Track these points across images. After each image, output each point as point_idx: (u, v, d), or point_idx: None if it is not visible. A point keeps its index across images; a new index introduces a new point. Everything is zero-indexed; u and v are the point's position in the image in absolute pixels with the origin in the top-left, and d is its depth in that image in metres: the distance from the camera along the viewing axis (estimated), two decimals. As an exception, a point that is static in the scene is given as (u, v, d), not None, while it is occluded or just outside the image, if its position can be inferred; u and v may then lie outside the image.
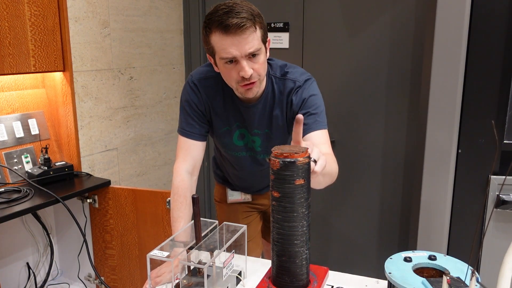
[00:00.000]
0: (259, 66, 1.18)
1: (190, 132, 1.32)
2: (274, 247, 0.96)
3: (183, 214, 1.26)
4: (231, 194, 1.60)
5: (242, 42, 1.12)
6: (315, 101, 1.28)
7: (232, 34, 1.10)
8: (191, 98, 1.31)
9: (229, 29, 1.10)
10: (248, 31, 1.11)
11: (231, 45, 1.12)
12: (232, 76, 1.19)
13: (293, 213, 0.90)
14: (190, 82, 1.33)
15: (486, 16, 1.60)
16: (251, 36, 1.12)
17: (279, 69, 1.31)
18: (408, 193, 2.10)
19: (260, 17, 1.17)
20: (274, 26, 2.29)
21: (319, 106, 1.28)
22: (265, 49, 1.21)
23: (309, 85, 1.28)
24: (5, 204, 1.54)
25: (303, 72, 1.31)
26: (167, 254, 0.96)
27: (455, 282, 0.80)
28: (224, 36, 1.11)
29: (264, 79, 1.27)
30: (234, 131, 1.36)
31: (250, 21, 1.11)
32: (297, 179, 0.88)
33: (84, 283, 2.00)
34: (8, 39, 1.61)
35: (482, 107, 1.66)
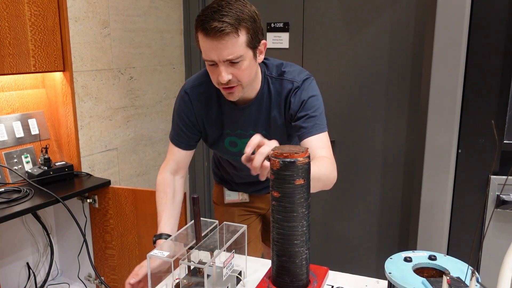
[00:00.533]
0: (240, 73, 1.14)
1: (178, 141, 1.34)
2: (274, 247, 0.96)
3: (163, 208, 1.31)
4: (228, 194, 1.59)
5: (221, 48, 1.09)
6: (314, 102, 1.25)
7: (211, 38, 1.08)
8: (182, 109, 1.31)
9: (208, 32, 1.08)
10: (228, 37, 1.08)
11: (210, 48, 1.10)
12: (213, 78, 1.18)
13: (293, 213, 0.90)
14: (182, 92, 1.32)
15: (486, 16, 1.60)
16: (230, 42, 1.09)
17: (275, 69, 1.28)
18: (408, 193, 2.10)
19: (251, 20, 1.12)
20: (274, 26, 2.29)
21: (318, 108, 1.25)
22: (254, 54, 1.17)
23: (308, 85, 1.25)
24: (5, 204, 1.54)
25: (301, 71, 1.28)
26: (167, 254, 0.96)
27: (455, 282, 0.80)
28: (205, 39, 1.10)
29: (256, 82, 1.25)
30: (225, 137, 1.34)
31: (231, 27, 1.07)
32: (297, 179, 0.88)
33: (84, 283, 2.00)
34: (8, 39, 1.61)
35: (482, 107, 1.66)
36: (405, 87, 2.05)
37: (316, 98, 1.25)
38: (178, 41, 2.55)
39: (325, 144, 1.23)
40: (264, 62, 1.28)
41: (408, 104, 2.05)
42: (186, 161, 1.38)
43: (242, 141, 1.34)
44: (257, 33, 1.15)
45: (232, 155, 1.40)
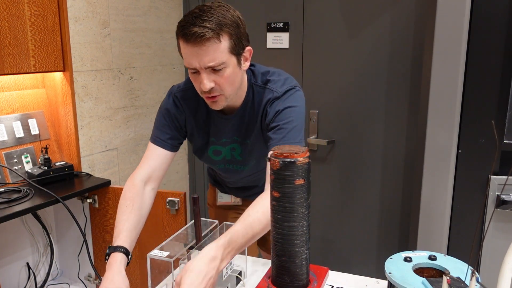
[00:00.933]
0: (223, 80, 1.10)
1: (160, 139, 1.26)
2: (274, 247, 0.96)
3: (127, 218, 1.16)
4: (220, 196, 1.57)
5: (202, 54, 1.05)
6: (290, 114, 1.15)
7: (191, 44, 1.05)
8: (172, 108, 1.27)
9: (188, 38, 1.04)
10: (209, 43, 1.04)
11: (191, 55, 1.07)
12: (196, 85, 1.14)
13: (293, 213, 0.90)
14: (172, 94, 1.29)
15: (486, 16, 1.60)
16: (211, 48, 1.04)
17: (260, 77, 1.23)
18: (408, 193, 2.10)
19: (234, 25, 1.07)
20: (274, 26, 2.29)
21: (292, 120, 1.15)
22: (239, 61, 1.12)
23: (289, 96, 1.18)
24: (5, 204, 1.54)
25: (286, 81, 1.21)
26: (167, 254, 0.96)
27: (455, 282, 0.80)
28: (186, 45, 1.07)
29: (241, 90, 1.20)
30: (210, 145, 1.31)
31: (212, 32, 1.03)
32: (297, 179, 0.88)
33: (84, 283, 2.00)
34: (8, 39, 1.61)
35: (482, 107, 1.66)
36: (405, 87, 2.05)
37: (293, 110, 1.16)
38: (178, 41, 2.55)
39: None
40: (250, 69, 1.24)
41: (408, 104, 2.05)
42: (163, 168, 1.27)
43: (226, 149, 1.31)
44: (241, 39, 1.10)
45: (215, 164, 1.37)
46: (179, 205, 1.71)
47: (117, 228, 1.15)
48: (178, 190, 1.76)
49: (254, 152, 1.29)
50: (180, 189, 2.63)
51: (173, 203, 1.71)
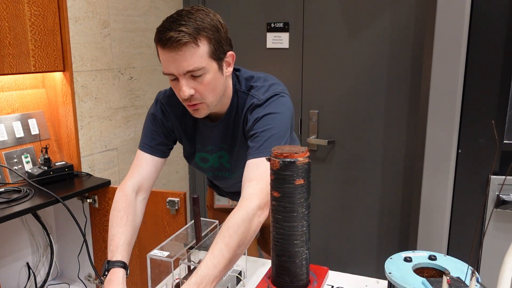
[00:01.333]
0: (203, 87, 1.05)
1: (149, 146, 1.23)
2: (274, 247, 0.95)
3: (123, 230, 1.10)
4: (218, 198, 1.55)
5: (179, 59, 1.01)
6: (269, 121, 1.09)
7: (168, 49, 1.01)
8: (158, 114, 1.24)
9: (164, 43, 1.01)
10: (185, 47, 1.00)
11: (168, 61, 1.04)
12: (177, 93, 1.09)
13: (293, 213, 0.90)
14: (158, 101, 1.25)
15: (486, 16, 1.60)
16: (189, 53, 1.00)
17: (244, 82, 1.19)
18: (408, 193, 2.10)
19: (213, 30, 1.03)
20: (274, 26, 2.29)
21: (271, 128, 1.08)
22: (220, 67, 1.07)
23: (270, 103, 1.12)
24: (5, 204, 1.54)
25: (270, 88, 1.15)
26: (167, 254, 0.96)
27: (455, 282, 0.80)
28: (162, 51, 1.03)
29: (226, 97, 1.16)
30: (197, 153, 1.29)
31: (189, 36, 0.99)
32: (297, 179, 0.88)
33: (84, 283, 2.00)
34: (8, 39, 1.61)
35: (482, 107, 1.66)
36: (405, 87, 2.05)
37: (273, 117, 1.10)
38: (178, 41, 2.55)
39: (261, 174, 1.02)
40: (235, 74, 1.20)
41: (408, 104, 2.05)
42: (153, 176, 1.24)
43: (213, 156, 1.28)
44: (221, 44, 1.06)
45: (204, 171, 1.36)
46: (179, 205, 1.71)
47: (114, 242, 1.08)
48: (178, 190, 1.76)
49: (241, 159, 1.24)
50: (180, 189, 2.63)
51: (173, 203, 1.71)
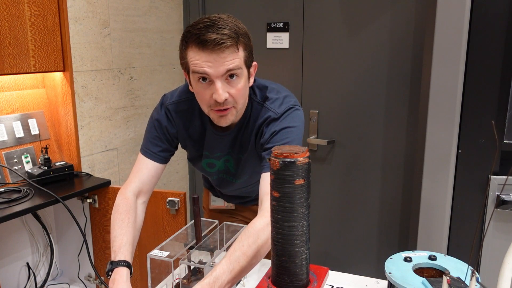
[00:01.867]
0: (237, 92, 1.05)
1: (151, 152, 1.23)
2: (274, 247, 0.95)
3: (125, 231, 1.13)
4: (213, 199, 1.54)
5: (219, 61, 0.99)
6: (287, 135, 1.11)
7: (209, 51, 0.99)
8: (163, 120, 1.23)
9: (206, 44, 0.98)
10: (228, 50, 0.99)
11: (206, 61, 1.00)
12: (204, 97, 1.06)
13: (293, 213, 0.90)
14: (164, 106, 1.23)
15: (486, 16, 1.60)
16: (230, 55, 1.00)
17: (259, 93, 1.18)
18: (408, 193, 2.10)
19: (247, 37, 1.04)
20: (274, 26, 2.29)
21: (289, 142, 1.10)
22: (248, 75, 1.08)
23: (286, 116, 1.13)
24: (5, 204, 1.54)
25: (285, 100, 1.16)
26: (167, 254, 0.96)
27: (455, 282, 0.80)
28: (200, 52, 1.00)
29: (243, 108, 1.14)
30: (203, 159, 1.29)
31: (231, 39, 0.99)
32: (297, 179, 0.88)
33: (84, 283, 2.00)
34: (8, 39, 1.61)
35: (482, 107, 1.66)
36: (405, 87, 2.05)
37: (290, 130, 1.12)
38: (178, 41, 2.53)
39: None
40: None
41: (408, 104, 2.05)
42: (153, 181, 1.24)
43: (220, 162, 1.28)
44: (252, 52, 1.07)
45: (209, 175, 1.36)
46: (179, 205, 1.71)
47: (116, 243, 1.11)
48: (178, 190, 1.76)
49: (247, 167, 1.26)
50: (180, 189, 2.63)
51: (173, 203, 1.71)
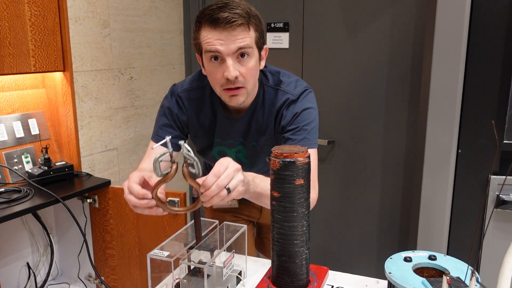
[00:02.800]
0: (247, 71, 1.07)
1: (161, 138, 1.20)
2: (274, 247, 0.96)
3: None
4: None
5: (230, 39, 1.02)
6: (308, 115, 1.16)
7: (220, 29, 1.02)
8: (174, 107, 1.24)
9: (218, 22, 1.01)
10: (239, 29, 1.02)
11: (218, 39, 1.03)
12: (216, 77, 1.08)
13: (293, 213, 0.90)
14: (175, 94, 1.25)
15: (486, 16, 1.60)
16: (242, 34, 1.03)
17: (271, 77, 1.21)
18: (408, 193, 2.10)
19: (258, 19, 1.08)
20: (274, 26, 2.29)
21: (311, 122, 1.16)
22: (259, 56, 1.11)
23: (304, 98, 1.18)
24: (5, 204, 1.54)
25: (298, 83, 1.20)
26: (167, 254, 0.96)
27: (455, 282, 0.80)
28: (212, 30, 1.03)
29: (255, 89, 1.17)
30: (215, 146, 1.29)
31: (243, 19, 1.02)
32: (297, 179, 0.88)
33: (84, 283, 2.00)
34: (8, 39, 1.61)
35: (482, 107, 1.66)
36: (405, 87, 2.05)
37: (311, 112, 1.17)
38: (178, 41, 2.55)
39: (312, 162, 1.17)
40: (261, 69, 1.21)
41: (408, 104, 2.05)
42: None
43: (231, 151, 1.29)
44: (263, 35, 1.11)
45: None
46: (179, 205, 1.71)
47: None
48: (178, 190, 1.76)
49: (263, 154, 1.27)
50: (180, 189, 2.63)
51: (173, 203, 1.71)
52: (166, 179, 0.91)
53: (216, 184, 0.88)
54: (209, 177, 0.88)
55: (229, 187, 0.89)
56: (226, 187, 0.89)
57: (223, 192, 0.88)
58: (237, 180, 0.90)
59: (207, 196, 0.88)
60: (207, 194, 0.88)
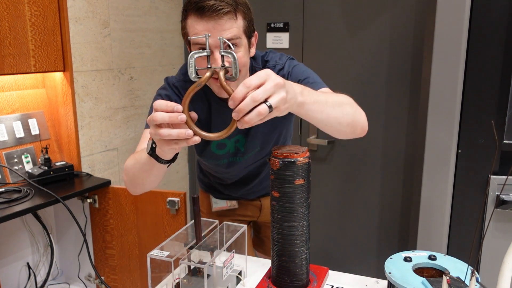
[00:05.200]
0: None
1: None
2: (274, 247, 0.96)
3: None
4: (215, 201, 1.51)
5: (217, 28, 0.99)
6: (298, 70, 1.16)
7: (206, 18, 0.98)
8: (173, 96, 1.19)
9: (203, 11, 0.97)
10: (226, 17, 0.99)
11: (204, 30, 0.99)
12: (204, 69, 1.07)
13: (293, 213, 0.90)
14: (171, 84, 1.21)
15: (486, 16, 1.60)
16: (229, 22, 0.99)
17: (261, 60, 1.21)
18: (408, 193, 2.10)
19: (246, 6, 1.05)
20: (274, 26, 2.30)
21: (304, 71, 1.17)
22: (249, 44, 1.09)
23: (290, 64, 1.19)
24: (5, 204, 1.54)
25: (283, 56, 1.22)
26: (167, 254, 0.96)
27: (455, 282, 0.80)
28: (198, 20, 0.99)
29: (246, 76, 1.14)
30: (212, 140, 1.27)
31: (230, 6, 0.98)
32: (297, 179, 0.88)
33: (84, 283, 2.00)
34: (9, 39, 1.61)
35: (482, 107, 1.66)
36: (405, 87, 2.05)
37: (300, 66, 1.18)
38: (178, 41, 2.55)
39: (333, 93, 1.10)
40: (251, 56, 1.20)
41: (408, 104, 2.05)
42: None
43: (230, 141, 1.27)
44: (252, 22, 1.09)
45: (219, 159, 1.31)
46: (179, 205, 1.71)
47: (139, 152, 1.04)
48: (178, 190, 1.76)
49: (258, 138, 1.25)
50: (180, 189, 2.63)
51: (173, 203, 1.71)
52: (201, 83, 0.80)
53: (251, 97, 0.74)
54: (239, 87, 0.75)
55: (270, 104, 0.75)
56: (268, 104, 0.74)
57: (262, 107, 0.74)
58: (279, 97, 0.76)
59: (240, 111, 0.74)
60: (240, 109, 0.74)
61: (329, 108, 0.93)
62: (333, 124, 0.97)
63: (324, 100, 0.92)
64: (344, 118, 0.99)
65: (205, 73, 0.83)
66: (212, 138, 0.84)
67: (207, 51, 0.84)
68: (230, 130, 0.80)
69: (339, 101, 0.99)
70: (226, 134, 0.81)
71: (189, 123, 0.82)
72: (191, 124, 0.82)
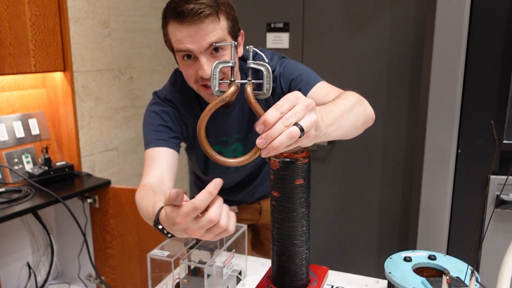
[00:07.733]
0: None
1: (163, 140, 1.11)
2: (274, 247, 0.96)
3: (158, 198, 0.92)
4: None
5: (200, 33, 0.94)
6: (289, 69, 1.11)
7: (187, 23, 0.93)
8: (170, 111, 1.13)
9: (183, 16, 0.92)
10: (208, 20, 0.94)
11: (187, 36, 0.94)
12: (190, 74, 1.01)
13: (293, 213, 0.91)
14: (162, 98, 1.15)
15: (486, 16, 1.60)
16: (211, 26, 0.94)
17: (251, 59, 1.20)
18: (408, 193, 2.10)
19: (228, 6, 1.00)
20: (274, 26, 2.30)
21: (296, 68, 1.11)
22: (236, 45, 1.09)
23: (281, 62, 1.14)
24: (5, 204, 1.54)
25: (274, 54, 1.17)
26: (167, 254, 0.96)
27: (455, 282, 0.80)
28: (180, 26, 0.94)
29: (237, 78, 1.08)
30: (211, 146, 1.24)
31: (210, 8, 0.93)
32: (297, 179, 0.89)
33: (85, 283, 2.00)
34: (9, 39, 1.62)
35: (482, 107, 1.66)
36: (405, 87, 2.05)
37: (290, 64, 1.13)
38: (178, 41, 2.55)
39: (329, 89, 1.06)
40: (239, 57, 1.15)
41: (408, 104, 2.05)
42: (172, 169, 1.08)
43: (227, 150, 1.24)
44: (236, 21, 1.04)
45: (217, 168, 1.28)
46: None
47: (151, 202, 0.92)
48: (178, 190, 1.76)
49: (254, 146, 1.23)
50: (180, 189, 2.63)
51: (173, 203, 1.71)
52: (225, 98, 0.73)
53: (282, 121, 0.65)
54: (270, 110, 0.66)
55: (301, 126, 0.66)
56: (299, 126, 0.66)
57: (293, 129, 0.65)
58: (310, 120, 0.68)
59: (269, 136, 0.66)
60: (270, 134, 0.65)
61: (344, 120, 0.85)
62: (350, 132, 0.90)
63: (339, 114, 0.83)
64: (359, 121, 0.94)
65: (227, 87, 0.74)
66: (233, 164, 0.76)
67: (232, 61, 0.74)
68: (254, 156, 0.74)
69: (349, 104, 0.90)
70: (248, 160, 0.75)
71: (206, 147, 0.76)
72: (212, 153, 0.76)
